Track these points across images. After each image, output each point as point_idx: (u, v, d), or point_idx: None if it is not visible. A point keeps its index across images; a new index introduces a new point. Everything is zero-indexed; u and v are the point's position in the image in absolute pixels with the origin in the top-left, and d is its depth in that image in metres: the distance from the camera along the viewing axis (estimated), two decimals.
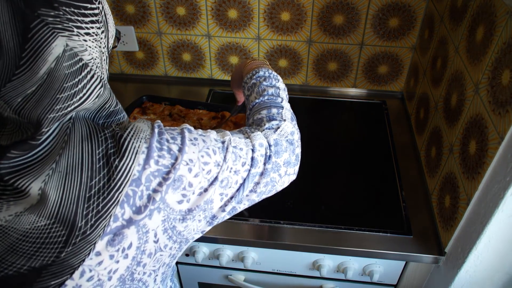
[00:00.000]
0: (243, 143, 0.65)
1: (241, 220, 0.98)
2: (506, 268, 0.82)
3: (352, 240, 0.93)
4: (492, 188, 0.71)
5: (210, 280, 1.12)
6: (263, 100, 0.76)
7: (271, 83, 0.80)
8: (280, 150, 0.68)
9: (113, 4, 1.29)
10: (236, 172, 0.62)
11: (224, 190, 0.61)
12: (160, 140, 0.55)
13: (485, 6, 0.80)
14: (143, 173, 0.52)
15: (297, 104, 1.36)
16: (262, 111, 0.74)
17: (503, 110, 0.69)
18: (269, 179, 0.67)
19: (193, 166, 0.56)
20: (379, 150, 1.18)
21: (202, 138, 0.60)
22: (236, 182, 0.63)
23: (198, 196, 0.58)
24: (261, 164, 0.66)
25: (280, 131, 0.70)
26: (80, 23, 0.51)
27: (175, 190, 0.54)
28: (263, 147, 0.66)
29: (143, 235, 0.53)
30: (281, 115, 0.74)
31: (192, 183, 0.56)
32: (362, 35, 1.27)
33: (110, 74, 1.48)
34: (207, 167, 0.58)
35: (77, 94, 0.51)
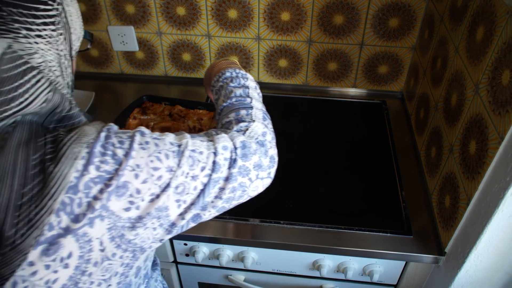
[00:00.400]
0: (204, 146, 0.61)
1: (241, 220, 0.98)
2: (506, 268, 0.82)
3: (352, 240, 0.93)
4: (492, 188, 0.71)
5: (210, 280, 1.12)
6: (231, 103, 0.72)
7: (239, 83, 0.76)
8: (248, 153, 0.64)
9: (113, 4, 1.29)
10: (193, 177, 0.59)
11: (181, 196, 0.58)
12: (105, 145, 0.53)
13: (485, 6, 0.80)
14: (81, 179, 0.50)
15: (297, 104, 1.36)
16: (230, 114, 0.70)
17: (503, 110, 0.69)
18: (236, 184, 0.62)
19: (140, 172, 0.53)
20: (379, 150, 1.18)
21: (155, 142, 0.57)
22: (194, 188, 0.59)
23: (148, 203, 0.55)
24: (225, 168, 0.61)
25: (250, 132, 0.66)
26: (29, 25, 0.49)
27: (119, 197, 0.52)
28: (227, 150, 0.62)
29: (86, 244, 0.51)
30: (250, 116, 0.70)
31: (140, 189, 0.54)
32: (362, 35, 1.27)
33: (110, 74, 1.48)
34: (157, 173, 0.55)
35: (17, 98, 0.48)
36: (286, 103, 1.36)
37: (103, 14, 1.32)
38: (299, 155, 1.16)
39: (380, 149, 1.18)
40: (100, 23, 1.35)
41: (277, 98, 1.38)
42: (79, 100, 1.34)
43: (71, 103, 0.58)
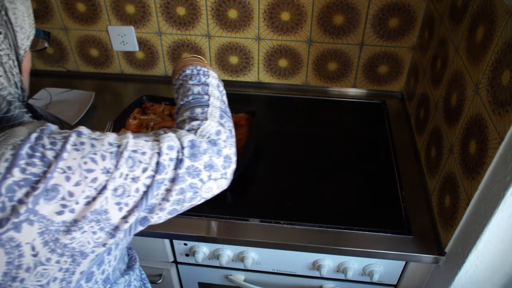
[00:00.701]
0: (147, 146, 0.59)
1: (241, 220, 0.98)
2: (506, 268, 0.82)
3: (352, 240, 0.93)
4: (492, 188, 0.71)
5: (210, 280, 1.12)
6: (188, 101, 0.70)
7: (198, 81, 0.73)
8: (197, 153, 0.61)
9: (113, 4, 1.29)
10: (134, 179, 0.56)
11: (121, 199, 0.56)
12: (34, 146, 0.51)
13: (485, 6, 0.80)
14: (4, 182, 0.48)
15: (297, 104, 1.36)
16: (185, 113, 0.68)
17: (503, 110, 0.69)
18: (185, 186, 0.60)
19: (72, 174, 0.52)
20: (379, 150, 1.18)
21: (91, 143, 0.55)
22: (136, 190, 0.57)
23: (84, 206, 0.53)
24: (170, 169, 0.59)
25: (201, 131, 0.64)
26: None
27: (49, 201, 0.50)
28: (173, 149, 0.60)
29: (14, 250, 0.50)
30: (205, 114, 0.67)
31: (72, 192, 0.52)
32: (362, 35, 1.27)
33: (110, 74, 1.48)
34: (91, 175, 0.53)
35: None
36: (286, 103, 1.36)
37: (103, 14, 1.32)
38: (299, 155, 1.16)
39: (380, 149, 1.18)
40: (100, 23, 1.35)
41: (277, 98, 1.38)
42: (79, 100, 1.34)
43: (10, 104, 0.56)
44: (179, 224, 0.97)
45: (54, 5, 1.32)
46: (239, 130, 1.16)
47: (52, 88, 1.38)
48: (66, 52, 1.44)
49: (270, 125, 1.26)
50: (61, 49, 1.44)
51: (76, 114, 1.28)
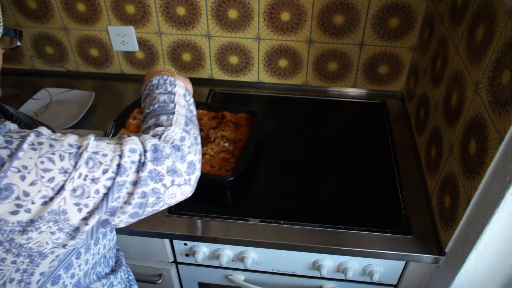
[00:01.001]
0: (109, 148, 0.59)
1: (241, 220, 0.98)
2: (506, 268, 0.82)
3: (352, 240, 0.93)
4: (492, 188, 0.71)
5: (210, 280, 1.12)
6: (153, 109, 0.70)
7: (165, 89, 0.74)
8: (160, 157, 0.61)
9: (113, 4, 1.29)
10: (94, 180, 0.56)
11: (80, 200, 0.56)
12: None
13: (485, 6, 0.80)
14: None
15: (297, 104, 1.36)
16: (150, 120, 0.68)
17: (503, 110, 0.69)
18: (147, 190, 0.60)
19: (27, 174, 0.51)
20: (379, 150, 1.18)
21: (50, 143, 0.54)
22: (96, 191, 0.57)
23: (41, 206, 0.53)
24: (132, 172, 0.59)
25: (165, 137, 0.65)
26: None
27: (3, 200, 0.50)
28: (135, 153, 0.60)
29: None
30: (170, 121, 0.67)
31: (28, 192, 0.51)
32: (362, 35, 1.27)
33: (110, 74, 1.48)
34: (48, 174, 0.53)
35: None
36: (286, 103, 1.36)
37: (103, 14, 1.32)
38: (299, 155, 1.16)
39: (380, 149, 1.18)
40: (100, 23, 1.35)
41: (277, 98, 1.38)
42: (79, 100, 1.34)
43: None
44: (179, 224, 0.97)
45: (54, 5, 1.32)
46: (239, 130, 1.16)
47: (52, 88, 1.38)
48: (66, 52, 1.44)
49: (270, 125, 1.26)
50: (61, 49, 1.44)
51: (76, 114, 1.28)
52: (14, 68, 1.51)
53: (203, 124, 1.19)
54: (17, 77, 1.49)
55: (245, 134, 1.15)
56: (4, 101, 0.74)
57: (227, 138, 1.13)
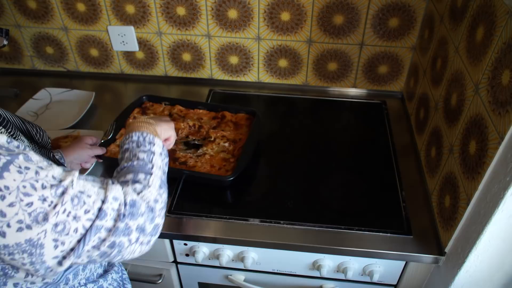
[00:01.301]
0: (94, 191, 0.61)
1: (241, 220, 0.98)
2: (506, 268, 0.82)
3: (352, 240, 0.93)
4: (492, 188, 0.71)
5: (210, 280, 1.12)
6: (132, 165, 0.72)
7: (144, 148, 0.75)
8: (136, 213, 0.63)
9: (113, 4, 1.29)
10: (75, 218, 0.57)
11: (60, 236, 0.56)
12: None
13: (485, 6, 0.80)
14: None
15: (297, 104, 1.36)
16: (128, 175, 0.70)
17: (503, 110, 0.69)
18: (117, 240, 0.61)
19: (8, 194, 0.51)
20: (379, 150, 1.18)
21: (36, 170, 0.54)
22: (75, 230, 0.57)
23: (16, 232, 0.52)
24: (111, 218, 0.60)
25: (142, 195, 0.66)
26: None
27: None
28: (117, 201, 0.62)
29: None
30: (147, 181, 0.69)
31: (5, 213, 0.51)
32: (362, 35, 1.27)
33: (110, 74, 1.48)
34: (27, 199, 0.52)
35: None
36: (286, 103, 1.36)
37: (103, 14, 1.32)
38: (299, 155, 1.16)
39: (380, 149, 1.18)
40: (100, 23, 1.35)
41: (277, 98, 1.38)
42: (79, 100, 1.34)
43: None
44: (179, 224, 0.97)
45: (54, 5, 1.32)
46: (239, 130, 1.16)
47: (52, 88, 1.38)
48: (66, 52, 1.44)
49: (270, 125, 1.26)
50: (61, 49, 1.44)
51: (76, 114, 1.28)
52: (14, 68, 1.51)
53: (203, 122, 1.19)
54: (17, 77, 1.49)
55: (245, 134, 1.15)
56: (5, 101, 0.74)
57: (227, 138, 1.13)
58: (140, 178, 0.69)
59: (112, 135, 1.12)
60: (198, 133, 1.15)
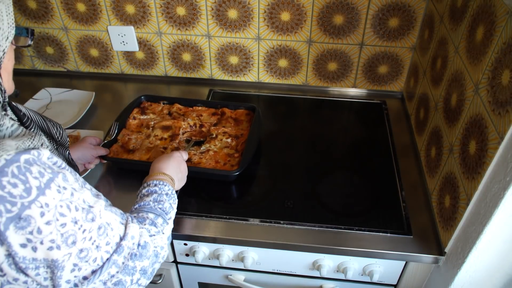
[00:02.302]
0: (116, 225, 0.63)
1: (241, 220, 0.98)
2: (506, 268, 0.82)
3: (352, 240, 0.93)
4: (492, 188, 0.71)
5: (210, 280, 1.12)
6: (156, 208, 0.76)
7: (170, 201, 0.80)
8: (144, 255, 0.66)
9: (113, 4, 1.29)
10: (98, 247, 0.59)
11: (80, 262, 0.57)
12: (22, 168, 0.50)
13: (485, 6, 0.80)
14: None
15: (297, 104, 1.36)
16: (150, 213, 0.74)
17: (503, 110, 0.69)
18: (122, 279, 0.63)
19: (47, 212, 0.52)
20: (379, 150, 1.18)
21: (71, 191, 0.56)
22: (94, 259, 0.59)
23: (47, 250, 0.53)
24: (123, 255, 0.63)
25: (154, 239, 0.70)
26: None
27: (18, 230, 0.50)
28: (133, 240, 0.65)
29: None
30: (163, 227, 0.74)
31: (41, 230, 0.51)
32: (362, 35, 1.27)
33: (110, 74, 1.48)
34: (62, 219, 0.53)
35: None
36: (286, 103, 1.36)
37: (103, 14, 1.32)
38: (299, 155, 1.16)
39: (380, 149, 1.18)
40: (100, 23, 1.35)
41: (277, 98, 1.38)
42: (79, 100, 1.34)
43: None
44: (179, 224, 0.97)
45: (54, 5, 1.32)
46: (239, 126, 1.17)
47: (52, 88, 1.38)
48: (66, 52, 1.44)
49: (270, 125, 1.26)
50: (61, 49, 1.44)
51: (76, 114, 1.28)
52: (14, 68, 1.50)
53: (203, 120, 1.19)
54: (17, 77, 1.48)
55: (246, 129, 1.15)
56: None
57: (229, 134, 1.14)
58: (158, 223, 0.73)
59: (115, 136, 1.12)
60: (200, 134, 1.15)
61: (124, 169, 1.10)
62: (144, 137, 1.13)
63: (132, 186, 0.99)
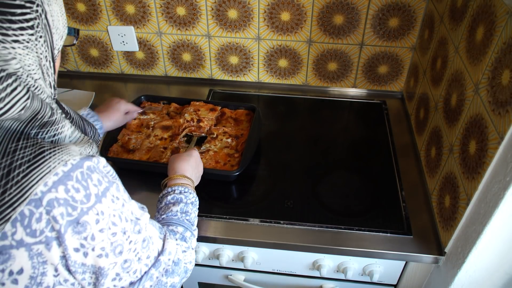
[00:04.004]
0: (156, 240, 0.65)
1: (241, 220, 0.98)
2: (505, 268, 0.82)
3: (352, 240, 0.93)
4: (492, 188, 0.71)
5: (210, 280, 1.12)
6: (184, 219, 0.77)
7: (195, 211, 0.82)
8: (176, 271, 0.67)
9: (113, 4, 1.29)
10: (139, 260, 0.60)
11: (122, 272, 0.58)
12: (84, 174, 0.52)
13: (485, 6, 0.80)
14: (47, 195, 0.48)
15: (297, 104, 1.36)
16: (179, 227, 0.75)
17: (503, 110, 0.69)
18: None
19: (101, 219, 0.53)
20: (379, 150, 1.18)
21: (122, 202, 0.57)
22: (135, 271, 0.60)
23: (97, 257, 0.54)
24: (159, 271, 0.64)
25: (185, 256, 0.71)
26: (5, 30, 0.49)
27: (75, 234, 0.51)
28: (170, 256, 0.66)
29: (39, 266, 0.50)
30: (191, 242, 0.75)
31: (95, 237, 0.53)
32: (362, 35, 1.27)
33: (110, 74, 1.48)
34: (114, 228, 0.55)
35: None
36: (286, 103, 1.36)
37: (103, 14, 1.32)
38: (299, 155, 1.16)
39: (380, 149, 1.18)
40: (100, 23, 1.35)
41: (277, 98, 1.38)
42: (79, 100, 1.34)
43: (52, 108, 0.57)
44: None
45: None
46: (239, 126, 1.17)
47: None
48: (66, 52, 1.44)
49: (270, 125, 1.26)
50: (61, 49, 1.43)
51: None
52: None
53: (200, 114, 1.18)
54: None
55: (246, 129, 1.15)
56: None
57: (229, 134, 1.14)
58: (187, 237, 0.74)
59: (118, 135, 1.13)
60: (200, 129, 1.15)
61: (124, 169, 1.10)
62: (144, 137, 1.14)
63: (132, 186, 0.98)
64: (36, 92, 0.55)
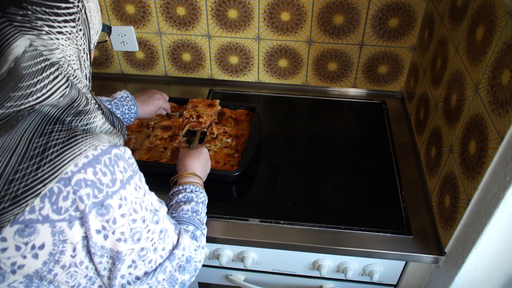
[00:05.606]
0: (171, 233, 0.66)
1: (241, 220, 0.98)
2: (505, 268, 0.82)
3: (352, 240, 0.93)
4: (492, 188, 0.71)
5: (210, 280, 1.12)
6: (194, 218, 0.78)
7: (205, 210, 0.83)
8: (187, 269, 0.69)
9: (113, 4, 1.29)
10: (155, 250, 0.62)
11: (138, 260, 0.60)
12: (112, 160, 0.54)
13: (485, 6, 0.80)
14: (76, 175, 0.51)
15: (297, 104, 1.36)
16: (190, 224, 0.76)
17: (503, 110, 0.69)
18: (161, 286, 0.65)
19: (124, 205, 0.55)
20: (379, 150, 1.18)
21: (144, 192, 0.60)
22: (150, 261, 0.62)
23: (116, 241, 0.56)
24: (173, 265, 0.66)
25: (196, 255, 0.72)
26: (51, 22, 0.53)
27: (98, 216, 0.53)
28: (184, 251, 0.68)
29: (60, 243, 0.52)
30: (201, 240, 0.76)
31: (116, 220, 0.55)
32: (362, 35, 1.27)
33: (110, 74, 1.48)
34: (134, 215, 0.57)
35: (34, 93, 0.52)
36: (286, 103, 1.36)
37: (103, 14, 1.32)
38: (299, 155, 1.16)
39: (380, 149, 1.18)
40: None
41: (277, 98, 1.38)
42: None
43: (87, 98, 0.61)
44: None
45: None
46: (240, 126, 1.17)
47: None
48: None
49: (270, 125, 1.26)
50: None
51: None
52: None
53: (199, 111, 1.18)
54: None
55: (246, 129, 1.15)
56: None
57: (229, 134, 1.14)
58: (197, 235, 0.75)
59: None
60: (200, 124, 1.15)
61: None
62: (144, 137, 1.14)
63: None
64: (74, 82, 0.58)
